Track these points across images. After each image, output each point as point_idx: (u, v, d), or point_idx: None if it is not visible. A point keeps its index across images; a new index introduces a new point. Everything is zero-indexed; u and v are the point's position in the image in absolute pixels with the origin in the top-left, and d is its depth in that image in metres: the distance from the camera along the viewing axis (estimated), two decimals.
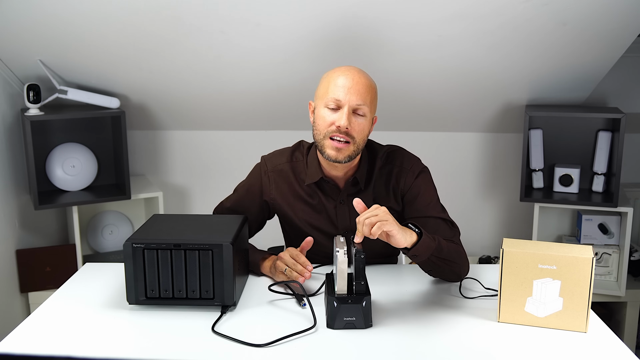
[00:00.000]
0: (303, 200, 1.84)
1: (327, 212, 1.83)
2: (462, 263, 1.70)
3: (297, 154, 1.87)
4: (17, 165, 2.75)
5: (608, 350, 1.40)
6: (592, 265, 1.42)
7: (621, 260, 2.77)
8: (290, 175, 1.85)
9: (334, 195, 1.82)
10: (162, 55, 2.58)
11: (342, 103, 1.67)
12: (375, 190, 1.82)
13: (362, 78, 1.70)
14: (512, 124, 3.00)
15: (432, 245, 1.59)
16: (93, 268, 1.88)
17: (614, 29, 2.38)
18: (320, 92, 1.73)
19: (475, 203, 3.18)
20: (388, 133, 2.98)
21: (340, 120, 1.66)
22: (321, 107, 1.71)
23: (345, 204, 1.82)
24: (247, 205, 1.90)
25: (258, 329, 1.47)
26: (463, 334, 1.46)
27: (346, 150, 1.69)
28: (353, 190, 1.81)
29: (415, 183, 1.79)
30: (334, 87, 1.68)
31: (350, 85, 1.68)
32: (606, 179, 2.79)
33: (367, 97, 1.69)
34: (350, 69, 1.72)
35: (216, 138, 3.15)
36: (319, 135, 1.72)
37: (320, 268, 1.84)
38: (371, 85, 1.72)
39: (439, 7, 2.28)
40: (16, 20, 2.35)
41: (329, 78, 1.72)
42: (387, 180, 1.81)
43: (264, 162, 1.89)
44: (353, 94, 1.67)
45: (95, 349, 1.39)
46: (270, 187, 1.86)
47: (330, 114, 1.69)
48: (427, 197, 1.79)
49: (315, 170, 1.80)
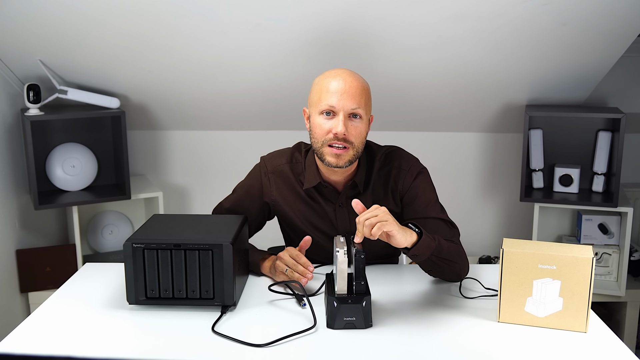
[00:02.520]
0: (304, 201, 1.84)
1: (327, 214, 1.83)
2: (462, 263, 1.70)
3: (296, 155, 1.86)
4: (17, 165, 2.75)
5: (608, 350, 1.40)
6: (592, 265, 1.42)
7: (621, 260, 2.77)
8: (291, 176, 1.84)
9: (333, 198, 1.81)
10: (162, 55, 2.58)
11: (337, 109, 1.65)
12: (374, 192, 1.81)
13: (354, 80, 1.67)
14: (512, 124, 3.00)
15: (432, 245, 1.59)
16: (93, 268, 1.88)
17: (614, 29, 2.38)
18: (313, 99, 1.71)
19: (475, 203, 3.18)
20: (388, 133, 2.98)
21: (337, 128, 1.65)
22: (316, 115, 1.69)
23: (344, 207, 1.81)
24: (246, 206, 1.89)
25: (258, 329, 1.47)
26: (463, 334, 1.46)
27: (346, 156, 1.68)
28: (352, 193, 1.80)
29: (413, 184, 1.79)
30: (327, 94, 1.66)
31: (343, 89, 1.65)
32: (606, 179, 2.79)
33: (362, 99, 1.67)
34: (340, 73, 1.69)
35: (216, 138, 3.15)
36: (317, 143, 1.70)
37: (320, 268, 1.84)
38: (364, 87, 1.69)
39: (439, 8, 2.28)
40: (16, 20, 2.35)
41: (320, 84, 1.69)
42: (386, 181, 1.81)
43: (263, 163, 1.88)
44: (347, 99, 1.65)
45: (95, 349, 1.39)
46: (271, 188, 1.86)
47: (326, 122, 1.67)
48: (426, 198, 1.78)
49: (313, 175, 1.79)
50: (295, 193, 1.84)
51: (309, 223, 1.85)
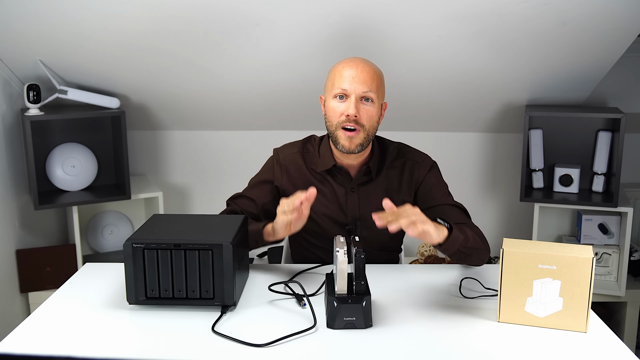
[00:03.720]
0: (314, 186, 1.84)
1: (337, 199, 1.88)
2: (485, 248, 1.77)
3: (308, 146, 1.94)
4: (17, 165, 2.74)
5: (608, 350, 1.40)
6: (592, 265, 1.42)
7: (621, 260, 2.76)
8: (302, 163, 1.91)
9: (345, 183, 1.87)
10: (162, 55, 2.58)
11: (349, 92, 1.75)
12: (388, 181, 1.89)
13: (367, 66, 1.77)
14: (512, 124, 3.00)
15: (460, 237, 1.66)
16: (93, 268, 1.88)
17: (614, 29, 2.38)
18: (328, 85, 1.81)
19: (475, 203, 3.18)
20: (388, 133, 2.97)
21: (349, 110, 1.74)
22: (330, 99, 1.78)
23: (355, 192, 1.87)
24: (262, 197, 1.90)
25: (258, 329, 1.47)
26: (463, 334, 1.46)
27: (357, 138, 1.76)
28: (364, 179, 1.88)
29: (428, 175, 1.89)
30: (340, 79, 1.76)
31: (355, 74, 1.75)
32: (606, 179, 2.79)
33: (373, 83, 1.76)
34: (354, 60, 1.79)
35: (216, 138, 3.15)
36: (332, 127, 1.79)
37: (320, 268, 1.84)
38: (376, 72, 1.78)
39: (439, 7, 2.28)
40: (16, 20, 2.35)
41: (334, 71, 1.79)
42: (401, 172, 1.90)
43: (275, 153, 1.96)
44: (358, 82, 1.74)
45: (96, 349, 1.39)
46: (282, 175, 1.91)
47: (338, 105, 1.76)
48: (440, 189, 1.89)
49: (328, 158, 1.86)
50: (306, 179, 1.90)
51: (318, 209, 1.87)
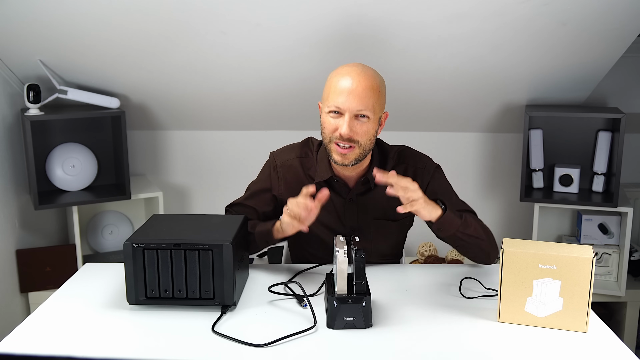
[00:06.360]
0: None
1: (335, 209, 1.85)
2: (489, 240, 1.75)
3: (306, 150, 1.89)
4: (17, 165, 2.74)
5: (608, 350, 1.40)
6: (592, 265, 1.42)
7: (621, 260, 2.76)
8: (300, 170, 1.87)
9: (343, 193, 1.84)
10: (162, 55, 2.58)
11: (343, 110, 1.68)
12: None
13: (364, 80, 1.67)
14: (512, 124, 3.00)
15: (458, 221, 1.65)
16: (93, 268, 1.88)
17: (614, 29, 2.38)
18: (324, 94, 1.75)
19: (475, 203, 3.15)
20: (388, 133, 2.97)
21: (342, 128, 1.67)
22: (325, 112, 1.73)
23: (354, 203, 1.84)
24: (258, 202, 1.90)
25: (258, 329, 1.47)
26: (463, 334, 1.46)
27: (351, 155, 1.71)
28: (363, 189, 1.84)
29: (431, 182, 1.86)
30: (334, 93, 1.68)
31: (350, 89, 1.66)
32: (606, 179, 2.79)
33: (369, 100, 1.67)
34: (352, 70, 1.69)
35: (216, 138, 3.15)
36: (325, 139, 1.74)
37: (320, 268, 1.84)
38: (373, 86, 1.69)
39: (439, 7, 2.28)
40: (16, 20, 2.35)
41: (331, 81, 1.72)
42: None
43: (272, 158, 1.91)
44: (353, 100, 1.66)
45: (96, 349, 1.39)
46: (279, 182, 1.87)
47: (332, 120, 1.70)
48: (446, 195, 1.84)
49: (325, 169, 1.82)
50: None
51: (316, 218, 1.85)
